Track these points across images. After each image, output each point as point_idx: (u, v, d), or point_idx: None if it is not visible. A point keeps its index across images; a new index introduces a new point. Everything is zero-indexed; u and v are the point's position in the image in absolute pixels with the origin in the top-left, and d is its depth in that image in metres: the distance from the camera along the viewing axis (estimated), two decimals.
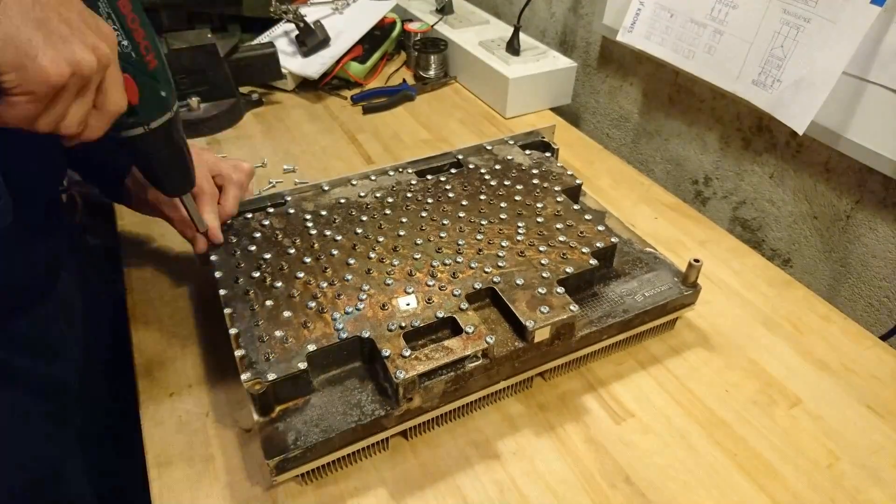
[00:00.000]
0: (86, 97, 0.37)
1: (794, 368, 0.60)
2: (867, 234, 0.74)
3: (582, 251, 0.58)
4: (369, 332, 0.50)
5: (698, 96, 0.91)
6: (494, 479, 0.50)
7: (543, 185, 0.67)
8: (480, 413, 0.55)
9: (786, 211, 0.83)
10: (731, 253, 0.74)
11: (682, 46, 0.84)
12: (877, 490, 0.50)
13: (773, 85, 0.74)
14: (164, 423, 0.54)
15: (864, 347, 0.63)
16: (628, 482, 0.50)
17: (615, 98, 1.07)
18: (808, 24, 0.69)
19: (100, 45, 0.37)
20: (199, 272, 0.64)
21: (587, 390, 0.58)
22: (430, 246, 0.59)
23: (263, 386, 0.46)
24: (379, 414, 0.48)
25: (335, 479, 0.50)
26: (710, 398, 0.57)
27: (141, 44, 0.42)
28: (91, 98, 0.38)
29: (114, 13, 0.41)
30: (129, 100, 0.42)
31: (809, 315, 0.66)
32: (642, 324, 0.59)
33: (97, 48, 0.36)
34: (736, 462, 0.52)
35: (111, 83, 0.39)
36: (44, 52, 0.33)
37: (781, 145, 0.81)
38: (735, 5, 0.77)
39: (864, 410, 0.57)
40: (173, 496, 0.49)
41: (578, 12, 1.08)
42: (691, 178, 0.97)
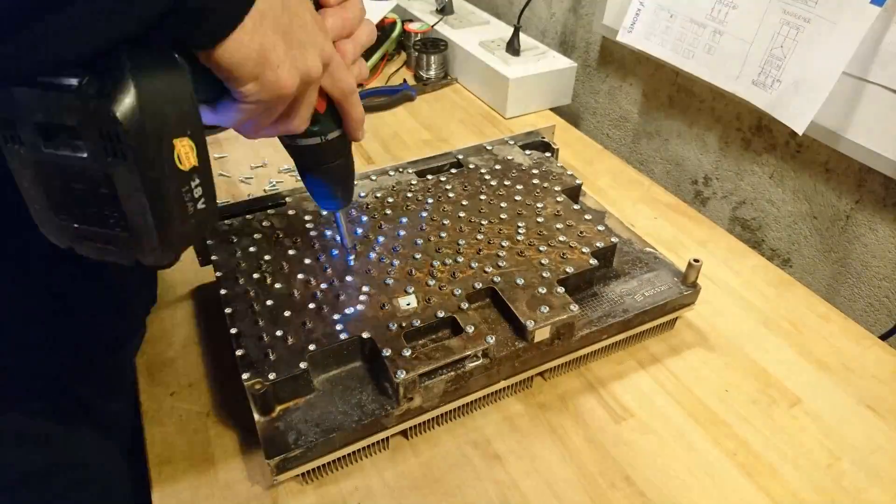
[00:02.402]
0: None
1: (793, 368, 0.60)
2: (867, 234, 0.74)
3: (582, 251, 0.58)
4: (369, 332, 0.50)
5: (698, 96, 0.91)
6: (494, 479, 0.50)
7: (543, 185, 0.67)
8: (480, 413, 0.55)
9: (785, 211, 0.83)
10: (730, 253, 0.74)
11: (681, 47, 0.84)
12: (877, 489, 0.51)
13: (772, 85, 0.74)
14: (164, 423, 0.54)
15: (864, 347, 0.63)
16: (628, 482, 0.50)
17: (615, 98, 1.07)
18: (808, 25, 0.69)
19: (326, 48, 0.36)
20: (199, 272, 0.64)
21: (587, 390, 0.58)
22: (430, 246, 0.59)
23: (264, 386, 0.46)
24: (379, 413, 0.48)
25: (336, 478, 0.50)
26: (709, 398, 0.57)
27: None
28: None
29: None
30: (317, 108, 0.41)
31: (809, 315, 0.66)
32: (642, 323, 0.59)
33: (324, 52, 0.36)
34: (735, 462, 0.52)
35: (306, 102, 0.38)
36: (283, 62, 0.32)
37: (781, 145, 0.81)
38: (735, 5, 0.77)
39: (864, 410, 0.57)
40: (174, 496, 0.49)
41: (578, 12, 1.09)
42: (691, 178, 0.97)
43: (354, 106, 0.43)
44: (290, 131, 0.39)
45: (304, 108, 0.38)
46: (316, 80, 0.35)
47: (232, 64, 0.30)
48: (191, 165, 0.30)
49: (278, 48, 0.32)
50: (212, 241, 0.60)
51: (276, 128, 0.38)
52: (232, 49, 0.30)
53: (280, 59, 0.32)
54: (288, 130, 0.39)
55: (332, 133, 0.45)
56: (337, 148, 0.46)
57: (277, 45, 0.31)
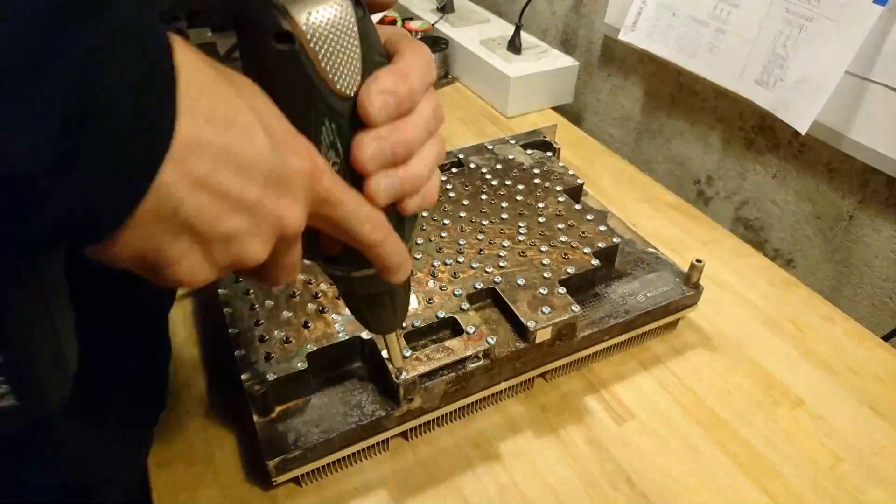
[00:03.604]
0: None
1: (796, 369, 0.60)
2: (870, 235, 0.73)
3: (584, 251, 0.58)
4: (370, 333, 0.50)
5: (700, 96, 0.90)
6: (495, 480, 0.50)
7: (545, 184, 0.67)
8: (481, 414, 0.55)
9: (788, 211, 0.83)
10: (733, 253, 0.74)
11: (684, 45, 0.84)
12: (879, 491, 0.50)
13: (775, 84, 0.73)
14: (164, 423, 0.54)
15: (867, 348, 0.62)
16: (630, 483, 0.50)
17: (617, 97, 1.07)
18: (811, 24, 0.69)
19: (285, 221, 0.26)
20: None
21: (589, 391, 0.57)
22: (430, 246, 0.59)
23: (263, 386, 0.46)
24: (379, 414, 0.48)
25: (335, 479, 0.50)
26: (711, 399, 0.57)
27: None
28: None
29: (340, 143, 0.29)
30: (327, 251, 0.32)
31: (812, 315, 0.66)
32: (644, 324, 0.58)
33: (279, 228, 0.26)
34: (738, 463, 0.52)
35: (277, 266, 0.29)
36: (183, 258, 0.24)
37: (784, 145, 0.80)
38: (737, 4, 0.76)
39: (867, 411, 0.56)
40: (173, 496, 0.49)
41: (580, 11, 1.08)
42: (693, 178, 0.96)
43: (382, 258, 0.31)
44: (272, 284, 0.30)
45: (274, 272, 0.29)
46: (254, 264, 0.26)
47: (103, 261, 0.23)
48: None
49: (173, 248, 0.24)
50: None
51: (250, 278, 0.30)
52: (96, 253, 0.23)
53: (176, 257, 0.24)
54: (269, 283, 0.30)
55: (359, 272, 0.35)
56: (371, 283, 0.35)
57: (171, 244, 0.24)
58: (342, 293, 0.39)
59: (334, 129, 0.28)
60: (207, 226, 0.24)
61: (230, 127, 0.23)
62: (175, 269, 0.24)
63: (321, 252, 0.32)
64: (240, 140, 0.24)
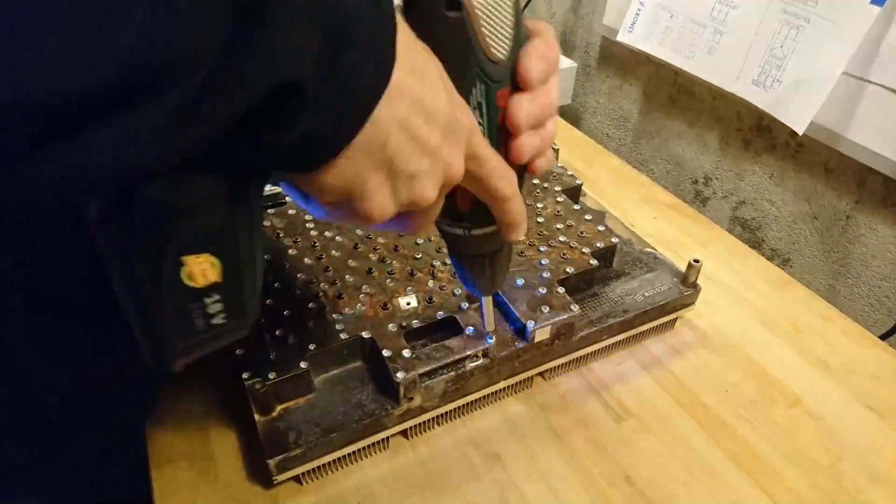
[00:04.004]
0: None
1: (794, 368, 0.60)
2: (867, 234, 0.74)
3: (582, 251, 0.58)
4: (370, 332, 0.50)
5: (698, 96, 0.91)
6: (495, 479, 0.50)
7: (543, 185, 0.67)
8: (481, 413, 0.55)
9: (786, 211, 0.83)
10: (730, 253, 0.74)
11: (682, 47, 0.84)
12: (877, 490, 0.51)
13: (772, 85, 0.74)
14: (165, 423, 0.54)
15: (864, 347, 0.63)
16: (629, 482, 0.50)
17: (615, 98, 1.07)
18: (808, 24, 0.69)
19: (455, 165, 0.29)
20: None
21: (587, 390, 0.58)
22: (430, 246, 0.59)
23: (264, 385, 0.46)
24: (379, 413, 0.48)
25: (336, 478, 0.50)
26: (709, 398, 0.57)
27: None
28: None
29: (486, 104, 0.32)
30: (458, 207, 0.36)
31: (809, 315, 0.66)
32: (642, 324, 0.59)
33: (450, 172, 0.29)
34: (736, 462, 0.52)
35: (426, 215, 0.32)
36: (376, 193, 0.28)
37: (781, 145, 0.81)
38: (735, 5, 0.77)
39: (865, 410, 0.57)
40: (174, 495, 0.49)
41: (578, 12, 1.09)
42: (691, 178, 0.97)
43: (509, 212, 0.35)
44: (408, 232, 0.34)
45: (419, 221, 0.32)
46: (426, 205, 0.30)
47: (313, 191, 0.27)
48: (207, 282, 0.27)
49: (373, 180, 0.27)
50: None
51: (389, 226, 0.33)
52: (314, 180, 0.26)
53: (373, 190, 0.27)
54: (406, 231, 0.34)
55: (480, 230, 0.38)
56: (486, 242, 0.39)
57: (372, 177, 0.27)
58: (455, 254, 0.42)
59: (483, 91, 0.31)
60: (402, 163, 0.27)
61: (424, 80, 0.27)
62: (369, 202, 0.28)
63: (454, 207, 0.36)
64: (429, 92, 0.27)
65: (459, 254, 0.42)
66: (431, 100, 0.27)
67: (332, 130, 0.24)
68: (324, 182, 0.26)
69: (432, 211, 0.32)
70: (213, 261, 0.26)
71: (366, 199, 0.28)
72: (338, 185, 0.26)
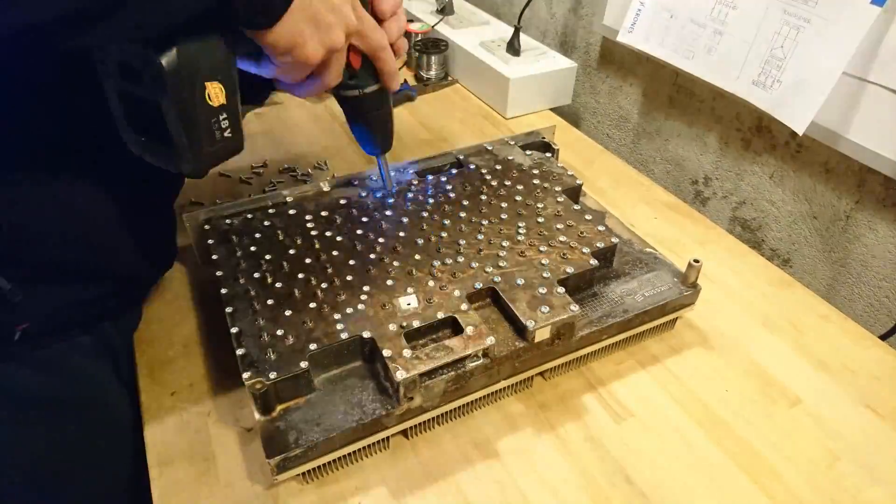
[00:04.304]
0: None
1: (793, 368, 0.60)
2: (867, 234, 0.74)
3: (582, 251, 0.58)
4: (370, 332, 0.50)
5: (698, 97, 0.91)
6: (495, 478, 0.50)
7: (544, 185, 0.67)
8: (481, 412, 0.55)
9: (785, 211, 0.83)
10: (730, 253, 0.75)
11: (682, 47, 0.84)
12: (877, 490, 0.51)
13: (772, 85, 0.74)
14: (165, 423, 0.54)
15: (864, 347, 0.63)
16: (628, 481, 0.51)
17: (615, 98, 1.07)
18: (808, 25, 0.69)
19: (351, 21, 0.45)
20: (200, 271, 0.64)
21: (587, 390, 0.58)
22: (430, 246, 0.59)
23: (265, 385, 0.46)
24: (380, 413, 0.48)
25: (336, 478, 0.50)
26: (709, 398, 0.57)
27: None
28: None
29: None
30: (353, 66, 0.50)
31: (809, 315, 0.66)
32: (642, 324, 0.59)
33: (349, 25, 0.44)
34: (736, 462, 0.52)
35: (335, 62, 0.46)
36: (309, 40, 0.42)
37: (781, 145, 0.81)
38: (735, 6, 0.77)
39: (864, 410, 0.57)
40: (174, 495, 0.49)
41: (579, 13, 1.09)
42: (691, 179, 0.97)
43: (386, 61, 0.51)
44: (325, 86, 0.47)
45: (333, 67, 0.46)
46: (340, 49, 0.45)
47: (269, 44, 0.40)
48: (219, 103, 0.41)
49: (306, 31, 0.41)
50: (212, 240, 0.60)
51: (312, 83, 0.47)
52: (278, 34, 0.40)
53: (307, 38, 0.42)
54: (324, 86, 0.47)
55: (370, 87, 0.53)
56: (375, 100, 0.54)
57: (305, 28, 0.41)
58: (354, 120, 0.57)
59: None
60: (322, 17, 0.42)
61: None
62: (306, 48, 0.42)
63: (350, 68, 0.50)
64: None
65: (357, 116, 0.56)
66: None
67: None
68: (278, 35, 0.40)
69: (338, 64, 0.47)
70: (221, 87, 0.40)
71: (304, 46, 0.42)
72: (286, 37, 0.40)
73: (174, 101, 0.38)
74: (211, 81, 0.40)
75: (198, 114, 0.40)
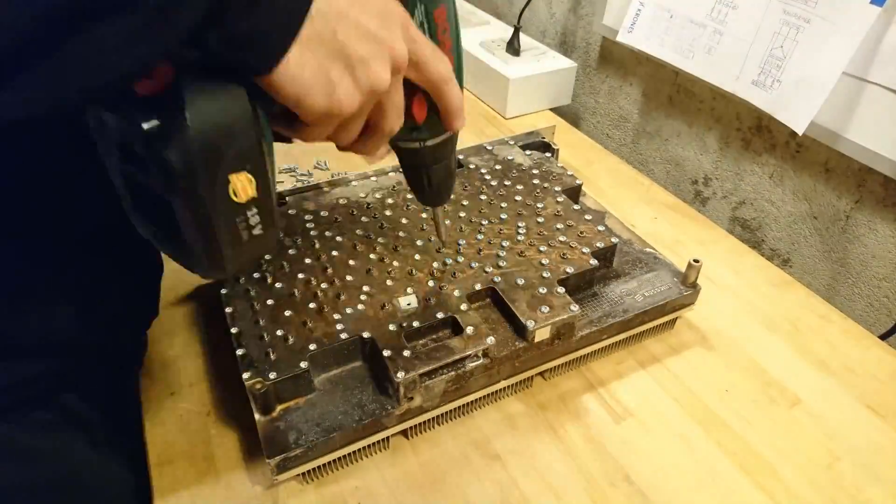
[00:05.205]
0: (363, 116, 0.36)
1: (793, 368, 0.60)
2: (867, 234, 0.74)
3: (582, 251, 0.58)
4: (370, 332, 0.50)
5: (698, 97, 0.91)
6: (495, 478, 0.50)
7: (544, 185, 0.67)
8: (481, 412, 0.55)
9: (785, 211, 0.83)
10: (730, 253, 0.75)
11: (681, 47, 0.84)
12: (877, 489, 0.51)
13: (772, 85, 0.74)
14: (165, 423, 0.54)
15: (864, 347, 0.63)
16: (628, 481, 0.51)
17: (615, 98, 1.07)
18: (808, 25, 0.69)
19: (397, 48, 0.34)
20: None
21: (587, 390, 0.58)
22: (430, 246, 0.59)
23: (265, 385, 0.46)
24: (380, 413, 0.48)
25: (336, 477, 0.50)
26: (709, 398, 0.57)
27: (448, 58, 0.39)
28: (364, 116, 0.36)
29: (427, 21, 0.38)
30: (416, 118, 0.41)
31: (809, 315, 0.66)
32: (642, 324, 0.59)
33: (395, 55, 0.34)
34: (736, 461, 0.52)
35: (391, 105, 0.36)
36: (339, 83, 0.32)
37: (781, 145, 0.81)
38: (735, 6, 0.77)
39: (864, 410, 0.57)
40: (174, 495, 0.49)
41: (578, 13, 1.09)
42: (691, 179, 0.97)
43: (451, 98, 0.40)
44: (386, 136, 0.38)
45: (389, 112, 0.37)
46: (384, 89, 0.34)
47: (288, 92, 0.31)
48: (248, 197, 0.32)
49: (334, 69, 0.32)
50: None
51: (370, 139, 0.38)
52: (284, 78, 0.30)
53: (336, 80, 0.32)
54: (384, 135, 0.38)
55: (433, 139, 0.44)
56: (436, 152, 0.45)
57: (332, 66, 0.31)
58: (411, 171, 0.48)
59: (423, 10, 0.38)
60: (352, 48, 0.32)
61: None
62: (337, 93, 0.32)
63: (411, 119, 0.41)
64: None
65: (416, 168, 0.48)
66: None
67: (281, 23, 0.29)
68: (295, 75, 0.30)
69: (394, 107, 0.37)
70: (250, 178, 0.32)
71: (334, 91, 0.32)
72: (307, 77, 0.31)
73: (189, 205, 0.31)
74: (237, 173, 0.31)
75: (218, 215, 0.31)
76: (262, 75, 0.30)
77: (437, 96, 0.40)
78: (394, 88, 0.36)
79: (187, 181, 0.29)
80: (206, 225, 0.31)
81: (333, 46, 0.31)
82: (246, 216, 0.33)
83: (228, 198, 0.31)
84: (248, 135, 0.31)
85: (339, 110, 0.33)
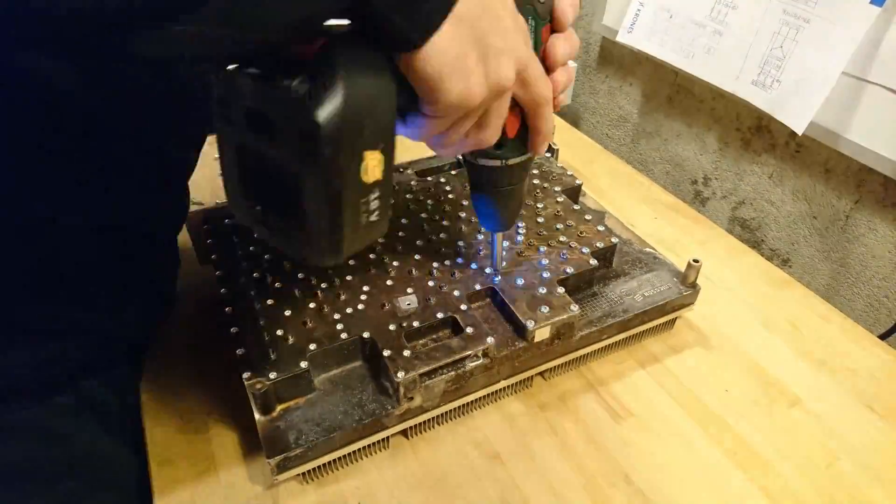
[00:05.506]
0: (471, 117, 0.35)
1: (793, 368, 0.60)
2: (866, 234, 0.74)
3: (582, 251, 0.58)
4: (370, 332, 0.50)
5: (698, 97, 0.91)
6: (494, 478, 0.50)
7: (543, 185, 0.67)
8: (481, 412, 0.55)
9: (785, 211, 0.83)
10: (730, 253, 0.75)
11: (681, 47, 0.84)
12: (877, 489, 0.51)
13: (772, 85, 0.74)
14: (165, 423, 0.54)
15: (864, 347, 0.63)
16: (628, 481, 0.51)
17: (615, 98, 1.07)
18: (808, 25, 0.69)
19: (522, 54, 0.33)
20: (200, 270, 0.64)
21: (587, 390, 0.58)
22: (430, 246, 0.59)
23: (265, 385, 0.46)
24: (380, 413, 0.48)
25: (336, 477, 0.50)
26: (709, 397, 0.57)
27: None
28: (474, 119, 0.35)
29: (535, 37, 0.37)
30: (507, 133, 0.40)
31: (809, 314, 0.66)
32: (642, 323, 0.59)
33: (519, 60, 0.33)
34: (735, 461, 0.52)
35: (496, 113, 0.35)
36: (474, 72, 0.31)
37: (781, 145, 0.81)
38: (735, 6, 0.77)
39: (864, 410, 0.57)
40: (174, 495, 0.49)
41: (578, 13, 1.09)
42: (691, 179, 0.97)
43: (545, 120, 0.40)
44: (480, 145, 0.37)
45: (494, 120, 0.36)
46: (508, 89, 0.34)
47: (429, 72, 0.30)
48: (374, 179, 0.31)
49: (472, 56, 0.31)
50: (212, 240, 0.60)
51: (465, 142, 0.37)
52: (431, 55, 0.29)
53: (472, 68, 0.31)
54: (479, 144, 0.37)
55: (515, 158, 0.43)
56: (515, 173, 0.44)
57: (471, 52, 0.31)
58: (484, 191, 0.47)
59: (532, 26, 0.37)
60: (491, 38, 0.31)
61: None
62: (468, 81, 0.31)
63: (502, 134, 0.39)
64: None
65: (487, 187, 0.46)
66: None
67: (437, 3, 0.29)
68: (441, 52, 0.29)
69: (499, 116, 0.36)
70: (380, 158, 0.30)
71: (469, 79, 0.31)
72: (449, 59, 0.30)
73: (323, 177, 0.28)
74: (372, 150, 0.30)
75: (348, 194, 0.30)
76: (410, 51, 0.29)
77: (533, 116, 0.39)
78: (505, 97, 0.35)
79: (332, 148, 0.27)
80: (336, 201, 0.30)
81: (476, 34, 0.30)
82: (368, 199, 0.31)
83: (359, 176, 0.30)
84: (389, 111, 0.30)
85: (469, 101, 0.32)
